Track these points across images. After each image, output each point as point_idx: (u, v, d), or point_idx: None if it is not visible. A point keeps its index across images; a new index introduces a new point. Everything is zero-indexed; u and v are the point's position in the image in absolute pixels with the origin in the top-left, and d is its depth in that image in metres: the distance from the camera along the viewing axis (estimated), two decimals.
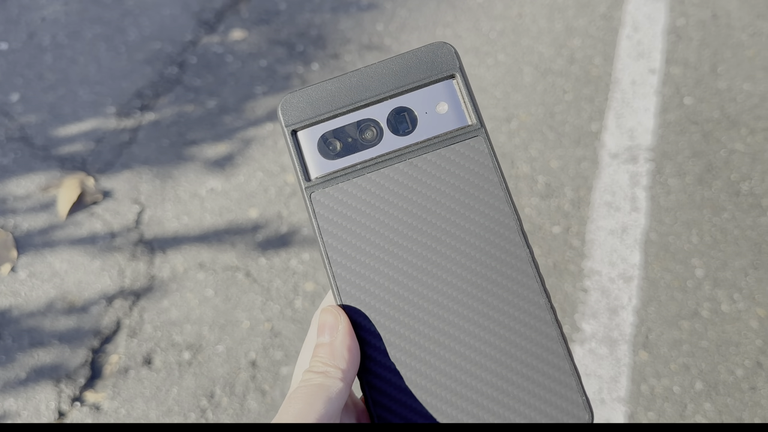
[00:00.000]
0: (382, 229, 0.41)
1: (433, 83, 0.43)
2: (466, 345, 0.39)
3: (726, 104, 2.07)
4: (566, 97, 2.10)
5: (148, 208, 1.82)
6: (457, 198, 0.41)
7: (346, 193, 0.41)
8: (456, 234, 0.41)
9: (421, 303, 0.40)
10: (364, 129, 0.42)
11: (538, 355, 0.39)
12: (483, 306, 0.40)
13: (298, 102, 0.42)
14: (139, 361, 1.56)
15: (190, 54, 2.20)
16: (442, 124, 0.43)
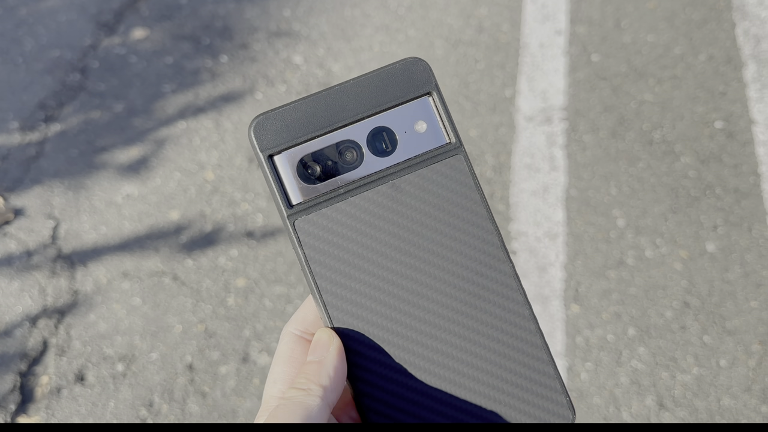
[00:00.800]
0: (368, 253, 0.41)
1: (411, 101, 0.42)
2: (456, 359, 0.40)
3: (632, 57, 2.12)
4: (478, 66, 2.12)
5: (63, 221, 1.76)
6: (441, 218, 0.41)
7: (329, 218, 0.41)
8: (441, 253, 0.41)
9: (411, 323, 0.40)
10: (344, 151, 0.41)
11: (524, 362, 0.40)
12: (471, 321, 0.40)
13: (272, 124, 0.40)
14: (71, 379, 1.51)
15: (91, 59, 2.13)
16: (422, 144, 0.42)
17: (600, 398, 1.47)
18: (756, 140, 1.88)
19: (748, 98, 1.99)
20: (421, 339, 0.40)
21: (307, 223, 0.40)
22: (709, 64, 2.08)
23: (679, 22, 2.21)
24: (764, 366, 1.51)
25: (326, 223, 0.40)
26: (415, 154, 0.42)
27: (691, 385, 1.49)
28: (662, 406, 1.46)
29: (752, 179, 1.79)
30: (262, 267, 1.66)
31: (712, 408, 1.46)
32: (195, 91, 2.04)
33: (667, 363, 1.51)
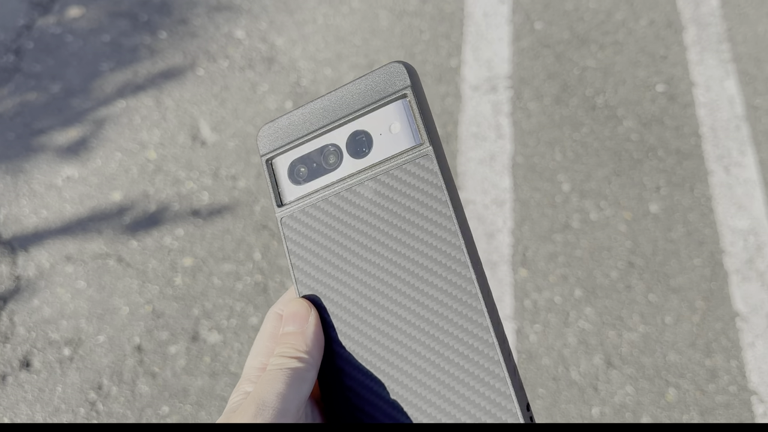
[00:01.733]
0: (338, 249, 0.43)
1: (387, 104, 0.44)
2: (413, 353, 0.41)
3: (575, 24, 2.13)
4: (423, 36, 2.11)
5: (1, 206, 1.71)
6: (407, 218, 0.43)
7: (309, 215, 0.44)
8: (404, 254, 0.43)
9: (371, 319, 0.42)
10: (327, 154, 0.44)
11: (476, 364, 0.41)
12: (427, 324, 0.42)
13: (272, 131, 0.46)
14: (15, 366, 1.48)
15: (25, 39, 2.06)
16: (395, 145, 0.44)
17: (549, 359, 1.49)
18: (696, 102, 1.91)
19: (689, 61, 2.01)
20: (379, 331, 0.42)
21: (291, 220, 0.44)
22: (650, 28, 2.10)
23: None
24: (708, 321, 1.54)
25: (306, 220, 0.44)
26: (388, 155, 0.44)
27: (638, 343, 1.52)
28: (610, 364, 1.49)
29: (693, 140, 1.83)
30: (209, 245, 1.64)
31: (658, 364, 1.49)
32: (134, 68, 2.00)
33: (613, 322, 1.54)
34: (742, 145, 1.81)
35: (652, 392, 1.45)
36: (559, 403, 1.44)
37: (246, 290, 1.57)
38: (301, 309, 0.43)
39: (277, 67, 2.00)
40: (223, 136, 1.84)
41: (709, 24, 2.11)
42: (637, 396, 1.45)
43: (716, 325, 1.54)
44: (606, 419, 1.42)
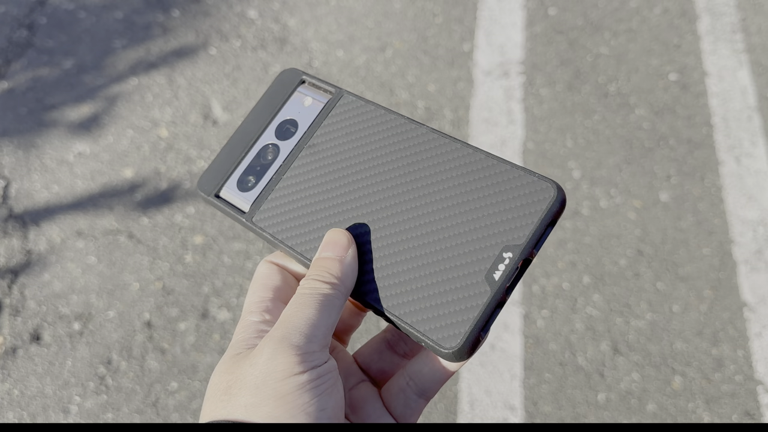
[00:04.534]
0: (317, 203, 0.45)
1: (291, 95, 0.51)
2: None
3: (588, 11, 2.12)
4: (436, 20, 2.10)
5: (13, 181, 1.71)
6: (366, 142, 0.47)
7: (276, 200, 0.47)
8: (388, 169, 0.45)
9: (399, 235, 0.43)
10: (263, 154, 0.49)
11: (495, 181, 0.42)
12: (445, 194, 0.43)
13: (209, 175, 0.49)
14: (26, 339, 1.49)
15: (38, 15, 2.06)
16: (313, 111, 0.49)
17: (556, 344, 1.49)
18: (709, 92, 1.91)
19: (702, 51, 2.01)
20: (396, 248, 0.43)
21: (262, 215, 0.46)
22: (664, 17, 2.10)
23: None
24: (715, 311, 1.55)
25: (276, 204, 0.46)
26: (312, 119, 0.49)
27: (645, 330, 1.52)
28: (617, 350, 1.49)
29: (705, 130, 1.82)
30: (219, 224, 1.65)
31: (665, 352, 1.49)
32: (146, 46, 1.99)
33: (621, 309, 1.55)
34: (754, 135, 1.81)
35: (658, 380, 1.46)
36: (565, 388, 1.44)
37: (255, 269, 1.57)
38: (341, 237, 0.42)
39: (289, 48, 2.00)
40: (234, 116, 1.84)
41: (723, 14, 2.10)
42: (643, 383, 1.45)
43: (724, 314, 1.54)
44: (612, 405, 1.43)
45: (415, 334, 0.40)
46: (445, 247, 0.42)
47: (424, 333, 0.40)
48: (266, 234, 0.46)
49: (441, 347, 0.39)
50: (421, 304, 0.41)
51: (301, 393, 0.36)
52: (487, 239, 0.41)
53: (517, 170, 0.43)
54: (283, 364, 0.36)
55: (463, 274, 0.41)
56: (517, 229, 0.41)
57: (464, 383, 1.44)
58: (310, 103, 0.50)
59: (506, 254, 0.40)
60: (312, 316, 0.38)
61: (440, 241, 0.42)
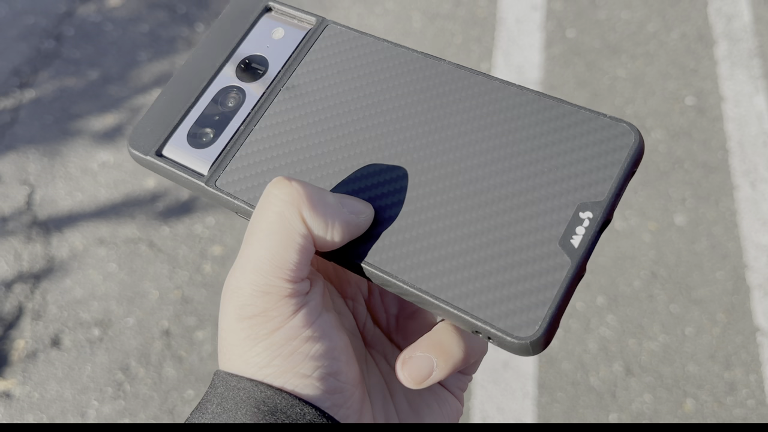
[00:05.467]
0: (315, 154, 0.36)
1: (255, 24, 0.40)
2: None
3: (606, 33, 2.14)
4: (455, 39, 2.13)
5: (38, 188, 1.75)
6: (368, 81, 0.38)
7: (247, 158, 0.37)
8: (405, 115, 0.36)
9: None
10: (222, 99, 0.38)
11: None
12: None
13: (145, 128, 0.38)
14: (47, 343, 1.52)
15: (66, 26, 2.11)
16: (289, 45, 0.40)
17: (569, 363, 1.51)
18: (725, 116, 1.92)
19: (719, 75, 2.02)
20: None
21: (229, 177, 0.36)
22: (682, 41, 2.12)
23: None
24: (728, 335, 1.56)
25: (247, 163, 0.36)
26: (288, 55, 0.39)
27: (658, 352, 1.53)
28: (629, 371, 1.50)
29: (720, 154, 1.84)
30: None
31: (677, 374, 1.50)
32: (171, 59, 2.03)
33: (634, 330, 1.56)
34: None
35: (670, 401, 1.47)
36: (577, 407, 1.45)
37: None
38: (357, 203, 0.33)
39: None
40: None
41: (741, 39, 2.11)
42: (654, 404, 1.46)
43: (737, 338, 1.55)
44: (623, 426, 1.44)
45: (471, 322, 0.30)
46: (500, 210, 0.33)
47: (487, 320, 0.30)
48: (237, 202, 0.35)
49: (512, 337, 0.30)
50: (476, 283, 0.31)
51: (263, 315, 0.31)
52: (555, 197, 0.32)
53: (582, 111, 0.34)
54: (245, 298, 0.31)
55: (530, 243, 0.31)
56: (595, 184, 0.32)
57: (476, 400, 1.46)
58: (282, 35, 0.40)
59: (584, 214, 0.32)
60: (270, 243, 0.31)
61: (492, 203, 0.33)
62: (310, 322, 0.31)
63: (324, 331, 0.32)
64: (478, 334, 0.31)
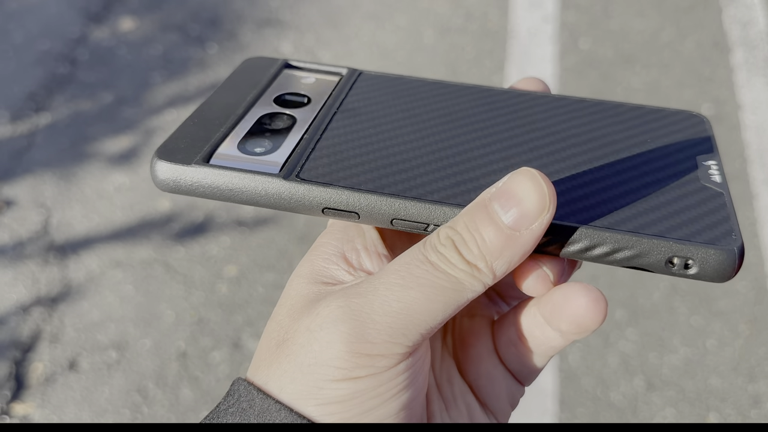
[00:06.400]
0: (408, 148, 0.37)
1: (278, 75, 0.42)
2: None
3: (620, 44, 2.13)
4: (467, 54, 2.13)
5: (55, 211, 1.76)
6: (430, 109, 0.39)
7: (328, 149, 0.36)
8: (484, 135, 0.38)
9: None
10: (272, 121, 0.38)
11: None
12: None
13: (178, 143, 0.35)
14: (65, 366, 1.52)
15: (81, 50, 2.13)
16: (325, 86, 0.41)
17: (589, 379, 1.48)
18: (743, 124, 1.90)
19: (735, 83, 2.00)
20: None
21: (312, 166, 0.35)
22: (697, 49, 2.10)
23: (667, 8, 2.22)
24: (751, 346, 1.53)
25: (330, 152, 0.36)
26: (329, 92, 0.41)
27: (679, 366, 1.51)
28: (651, 386, 1.48)
29: (738, 163, 1.81)
30: (254, 254, 1.68)
31: (699, 388, 1.48)
32: (184, 80, 2.05)
33: (655, 344, 1.53)
34: None
35: (692, 416, 1.44)
36: None
37: None
38: (534, 189, 0.28)
39: None
40: None
41: (756, 47, 2.09)
42: (677, 419, 1.44)
43: (760, 350, 1.52)
44: None
45: (675, 246, 0.31)
46: (621, 170, 0.35)
47: (693, 240, 0.31)
48: (336, 188, 0.33)
49: (717, 248, 0.30)
50: (665, 219, 0.32)
51: (353, 400, 0.28)
52: (680, 152, 0.37)
53: (649, 110, 0.40)
54: (341, 361, 0.28)
55: (680, 192, 0.34)
56: (701, 144, 0.38)
57: None
58: (314, 81, 0.41)
59: (706, 162, 0.36)
60: (420, 308, 0.28)
61: (623, 184, 0.34)
62: (411, 380, 0.29)
63: (416, 385, 0.30)
64: (672, 264, 0.31)
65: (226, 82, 0.41)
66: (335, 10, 2.24)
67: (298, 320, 0.30)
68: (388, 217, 0.33)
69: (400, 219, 0.33)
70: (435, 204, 0.32)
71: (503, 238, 0.28)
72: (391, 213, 0.33)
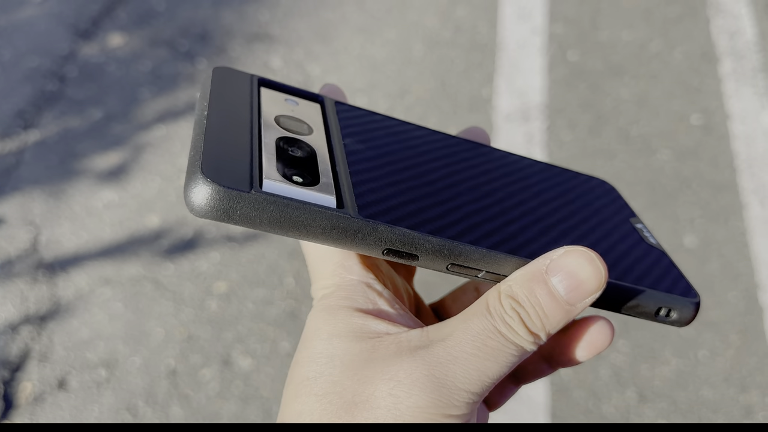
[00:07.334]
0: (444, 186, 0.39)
1: (260, 94, 0.39)
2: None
3: (608, 55, 2.14)
4: (457, 66, 2.13)
5: (44, 229, 1.75)
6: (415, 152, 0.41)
7: (370, 183, 0.35)
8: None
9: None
10: (288, 147, 0.35)
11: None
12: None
13: (219, 160, 0.31)
14: (54, 385, 1.51)
15: (70, 66, 2.13)
16: (313, 110, 0.40)
17: (581, 392, 1.48)
18: (731, 134, 1.91)
19: (724, 93, 2.01)
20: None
21: (368, 203, 0.33)
22: (685, 60, 2.11)
23: (655, 19, 2.23)
24: (742, 356, 1.53)
25: (375, 186, 0.35)
26: (321, 117, 0.40)
27: (671, 377, 1.50)
28: (643, 398, 1.47)
29: (728, 173, 1.82)
30: (244, 270, 1.67)
31: (691, 399, 1.47)
32: (174, 96, 2.04)
33: (646, 356, 1.53)
34: None
35: None
36: None
37: (278, 316, 1.59)
38: (592, 274, 0.32)
39: None
40: None
41: (744, 57, 2.10)
42: None
43: (751, 360, 1.52)
44: None
45: (667, 297, 0.37)
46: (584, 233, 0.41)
47: (666, 292, 0.37)
48: (401, 229, 0.32)
49: (691, 302, 0.38)
50: (635, 271, 0.39)
51: None
52: (612, 218, 0.44)
53: (575, 174, 0.48)
54: (429, 422, 0.31)
55: (629, 246, 0.41)
56: (623, 208, 0.46)
57: None
58: (298, 104, 0.40)
59: (638, 225, 0.44)
60: (493, 373, 0.32)
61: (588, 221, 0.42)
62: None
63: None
64: (658, 314, 0.37)
65: (211, 96, 0.36)
66: (325, 25, 2.25)
67: (367, 383, 0.31)
68: (445, 261, 0.33)
69: (457, 264, 0.33)
70: (492, 251, 0.34)
71: (562, 312, 0.32)
72: (452, 257, 0.33)
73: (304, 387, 0.32)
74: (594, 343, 0.37)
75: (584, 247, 0.32)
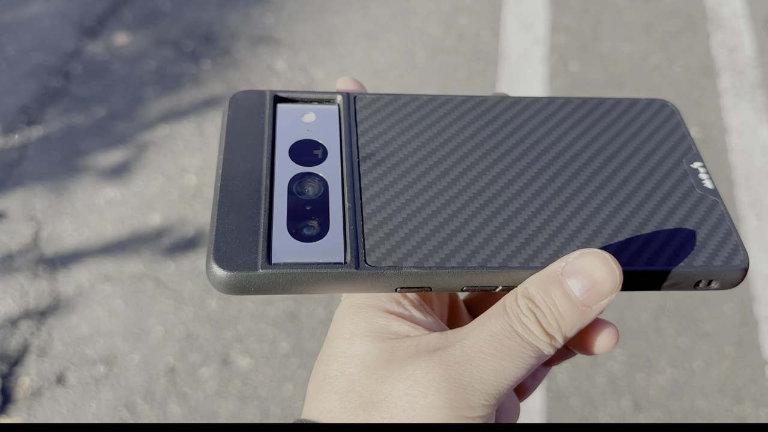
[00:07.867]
0: (457, 209, 0.37)
1: (275, 114, 0.40)
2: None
3: (609, 67, 2.16)
4: (459, 74, 2.15)
5: (45, 224, 1.76)
6: (436, 131, 0.40)
7: (381, 228, 0.35)
8: (494, 149, 0.40)
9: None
10: (302, 189, 0.37)
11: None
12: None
13: (227, 244, 0.34)
14: (52, 381, 1.51)
15: (74, 64, 2.13)
16: (329, 122, 0.40)
17: (577, 399, 1.49)
18: (730, 148, 1.93)
19: (722, 107, 2.03)
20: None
21: (377, 252, 0.35)
22: (685, 73, 2.13)
23: (656, 32, 2.26)
24: (737, 368, 1.54)
25: (384, 234, 0.36)
26: (337, 132, 0.40)
27: (666, 387, 1.52)
28: (638, 406, 1.49)
29: (725, 186, 1.84)
30: None
31: (686, 409, 1.49)
32: (178, 96, 2.06)
33: (642, 365, 1.54)
34: None
35: None
36: None
37: (278, 316, 1.60)
38: (607, 273, 0.33)
39: None
40: None
41: (743, 71, 2.13)
42: None
43: (746, 371, 1.53)
44: None
45: (702, 272, 0.35)
46: (631, 194, 0.38)
47: (704, 266, 0.35)
48: (408, 270, 0.34)
49: (733, 269, 0.35)
50: (671, 246, 0.36)
51: None
52: (662, 164, 0.39)
53: (624, 101, 0.43)
54: (443, 420, 0.31)
55: (675, 203, 0.37)
56: (678, 144, 0.40)
57: None
58: (314, 118, 0.40)
59: (694, 165, 0.39)
60: (510, 375, 0.32)
61: (619, 192, 0.38)
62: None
63: None
64: (698, 286, 0.35)
65: (228, 134, 0.39)
66: (329, 29, 2.26)
67: (385, 382, 0.32)
68: (459, 286, 0.35)
69: (470, 286, 0.35)
70: (502, 270, 0.34)
71: (578, 313, 0.33)
72: (463, 284, 0.35)
73: (326, 385, 0.34)
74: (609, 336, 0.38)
75: (599, 250, 0.33)
